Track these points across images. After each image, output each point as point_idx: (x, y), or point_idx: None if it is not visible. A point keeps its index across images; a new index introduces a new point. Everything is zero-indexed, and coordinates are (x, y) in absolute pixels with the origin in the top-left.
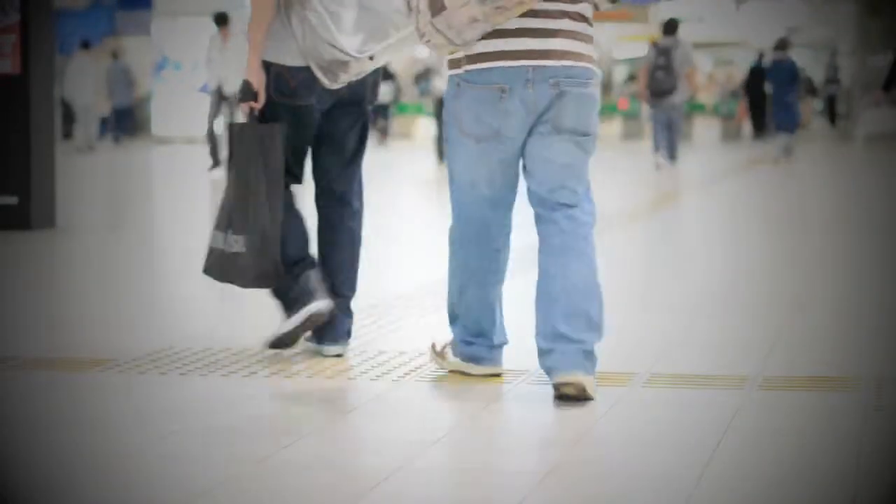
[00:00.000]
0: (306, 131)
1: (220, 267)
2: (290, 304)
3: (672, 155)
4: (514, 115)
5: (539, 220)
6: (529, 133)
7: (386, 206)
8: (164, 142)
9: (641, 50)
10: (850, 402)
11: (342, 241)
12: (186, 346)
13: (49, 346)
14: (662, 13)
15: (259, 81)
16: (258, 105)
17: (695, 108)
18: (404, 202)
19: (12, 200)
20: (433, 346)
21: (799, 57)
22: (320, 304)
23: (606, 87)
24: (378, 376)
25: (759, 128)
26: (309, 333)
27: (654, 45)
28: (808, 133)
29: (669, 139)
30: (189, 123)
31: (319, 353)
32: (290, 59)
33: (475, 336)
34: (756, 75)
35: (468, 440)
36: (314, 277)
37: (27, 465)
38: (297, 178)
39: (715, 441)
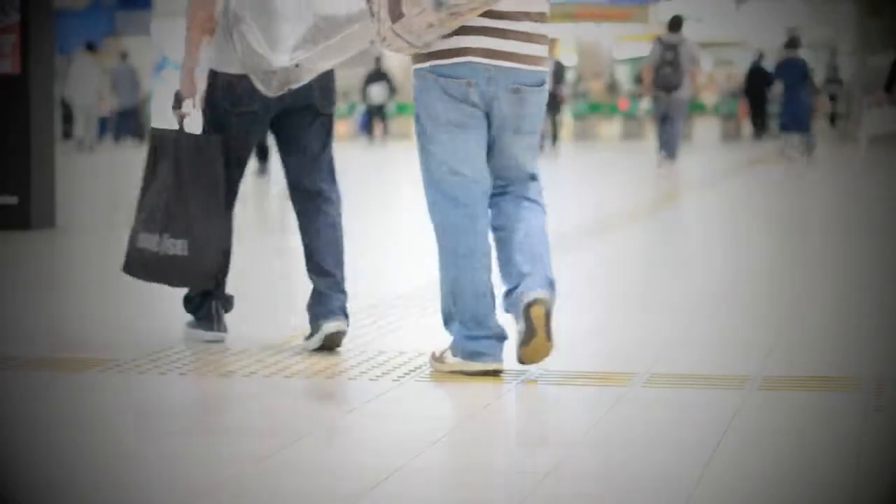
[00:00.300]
0: (250, 137)
1: (150, 267)
2: (198, 321)
3: (672, 153)
4: (477, 107)
5: (492, 197)
6: (489, 127)
7: (385, 207)
8: None
9: (641, 50)
10: (850, 402)
11: (321, 225)
12: (186, 346)
13: (49, 346)
14: (662, 13)
15: (190, 91)
16: (188, 113)
17: (695, 107)
18: (404, 202)
19: (12, 200)
20: (433, 354)
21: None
22: (218, 335)
23: (611, 87)
24: (378, 376)
25: (758, 128)
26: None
27: (660, 41)
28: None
29: (672, 135)
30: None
31: (319, 331)
32: (235, 68)
33: (474, 328)
34: (755, 75)
35: (468, 440)
36: (215, 305)
37: (27, 465)
38: (234, 190)
39: (715, 441)
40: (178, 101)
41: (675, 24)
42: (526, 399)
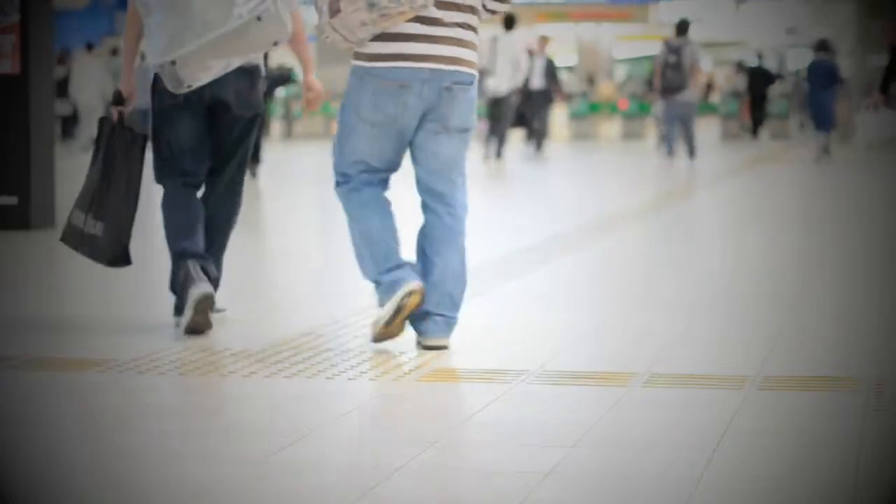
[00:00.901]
0: (178, 130)
1: (76, 241)
2: (179, 291)
3: (692, 153)
4: (410, 108)
5: (425, 208)
6: (420, 126)
7: None
8: None
9: (641, 50)
10: (850, 402)
11: (212, 214)
12: (186, 346)
13: (49, 346)
14: (662, 14)
15: (128, 89)
16: (127, 110)
17: (703, 108)
18: (403, 203)
19: (12, 200)
20: (371, 328)
21: (797, 57)
22: (201, 288)
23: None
24: (378, 376)
25: (756, 129)
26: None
27: (666, 44)
28: (807, 133)
29: (686, 136)
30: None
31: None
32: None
33: (386, 265)
34: (755, 76)
35: (468, 440)
36: (191, 266)
37: (27, 464)
38: (193, 175)
39: (715, 441)
40: (117, 99)
41: (682, 27)
42: (526, 399)
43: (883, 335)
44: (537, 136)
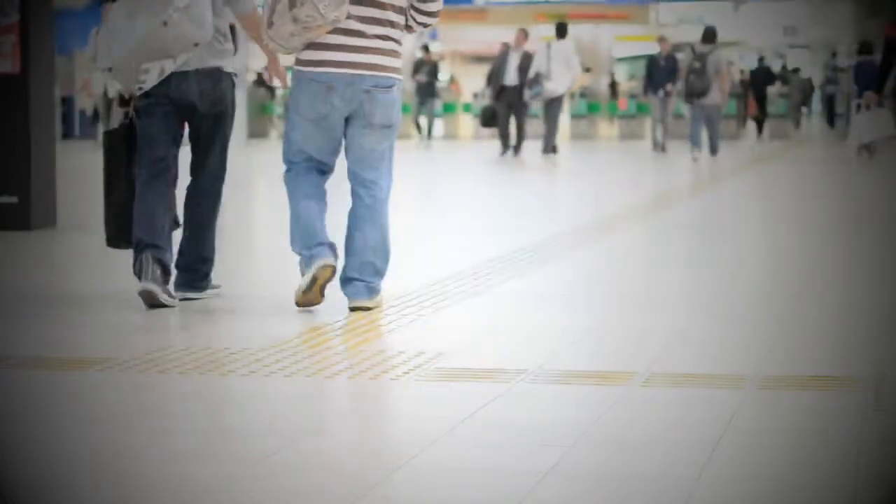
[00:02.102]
0: (149, 123)
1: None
2: (136, 275)
3: (715, 150)
4: (336, 107)
5: (352, 192)
6: (348, 123)
7: None
8: None
9: (641, 50)
10: (850, 402)
11: (192, 215)
12: (186, 346)
13: (49, 346)
14: (662, 14)
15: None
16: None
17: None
18: (403, 204)
19: (13, 200)
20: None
21: (797, 58)
22: (145, 286)
23: (611, 86)
24: (378, 376)
25: (760, 128)
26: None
27: (692, 50)
28: (806, 134)
29: (711, 135)
30: None
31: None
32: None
33: (308, 243)
34: (757, 77)
35: (468, 440)
36: (144, 258)
37: (27, 464)
38: (161, 160)
39: (715, 441)
40: (123, 101)
41: (708, 35)
42: (525, 399)
43: (883, 335)
44: (516, 137)
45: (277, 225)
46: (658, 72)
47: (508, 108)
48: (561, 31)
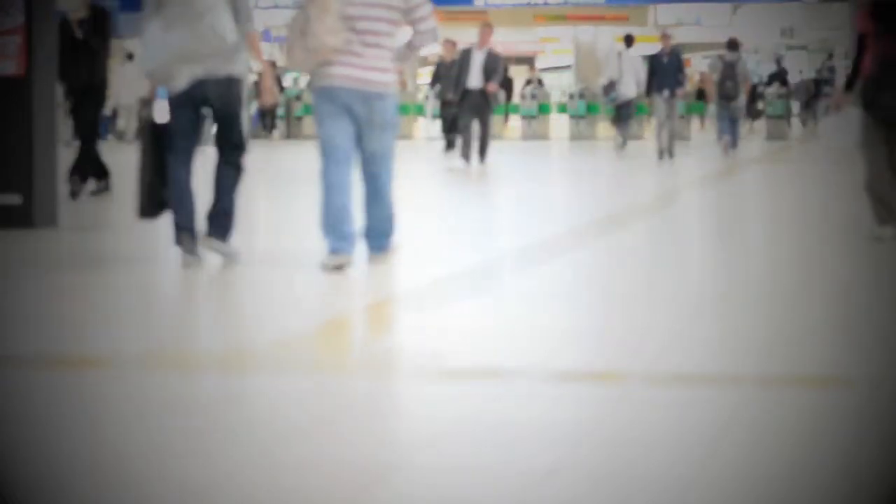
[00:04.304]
0: (178, 116)
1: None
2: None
3: (735, 144)
4: (343, 111)
5: (363, 179)
6: (358, 126)
7: None
8: None
9: (640, 51)
10: (848, 401)
11: (221, 175)
12: (186, 346)
13: (49, 346)
14: (661, 16)
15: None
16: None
17: (696, 109)
18: (403, 204)
19: (15, 199)
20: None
21: (794, 59)
22: (185, 257)
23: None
24: (377, 375)
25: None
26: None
27: (721, 58)
28: (806, 134)
29: (733, 132)
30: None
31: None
32: None
33: (334, 234)
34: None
35: (468, 440)
36: (185, 237)
37: (27, 464)
38: (185, 150)
39: (715, 441)
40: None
41: (733, 45)
42: (525, 399)
43: (882, 335)
44: (480, 143)
45: (275, 224)
46: (662, 70)
47: (472, 112)
48: (629, 42)
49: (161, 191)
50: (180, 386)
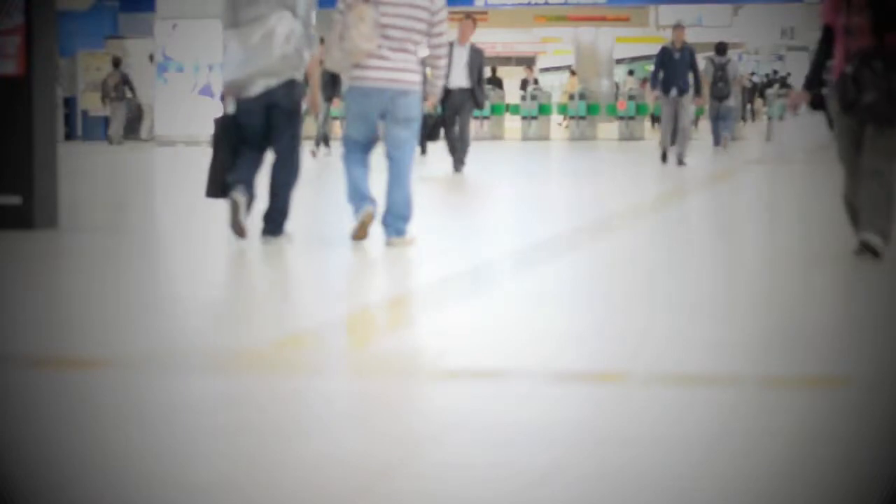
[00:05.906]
0: (249, 118)
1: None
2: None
3: (731, 137)
4: (374, 107)
5: (387, 164)
6: (385, 119)
7: None
8: (166, 143)
9: (640, 51)
10: (848, 401)
11: (280, 166)
12: (186, 345)
13: (49, 346)
14: (662, 16)
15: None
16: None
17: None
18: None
19: (15, 200)
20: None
21: (794, 60)
22: (232, 196)
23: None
24: (377, 375)
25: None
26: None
27: (711, 61)
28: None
29: (726, 129)
30: (191, 125)
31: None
32: None
33: (356, 199)
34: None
35: (468, 439)
36: (238, 189)
37: (27, 464)
38: (254, 144)
39: (714, 441)
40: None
41: (721, 48)
42: (525, 399)
43: (881, 335)
44: (459, 147)
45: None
46: (672, 66)
47: (455, 113)
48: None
49: (224, 175)
50: (180, 386)
